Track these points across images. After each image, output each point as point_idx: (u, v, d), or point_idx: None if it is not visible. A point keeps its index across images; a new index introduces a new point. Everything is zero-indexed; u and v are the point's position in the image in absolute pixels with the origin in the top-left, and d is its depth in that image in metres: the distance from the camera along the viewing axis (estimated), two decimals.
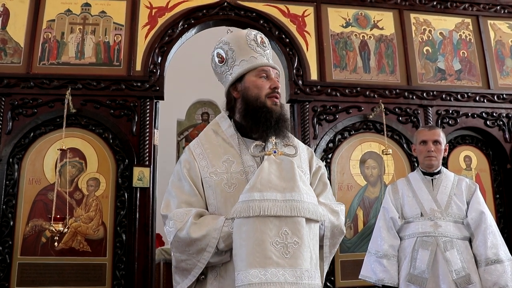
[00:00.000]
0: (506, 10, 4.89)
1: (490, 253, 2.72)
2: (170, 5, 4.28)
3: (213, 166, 1.72)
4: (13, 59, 3.99)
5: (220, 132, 1.81)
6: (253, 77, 1.77)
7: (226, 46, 1.83)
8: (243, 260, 1.46)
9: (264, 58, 1.80)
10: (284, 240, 1.47)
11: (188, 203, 1.69)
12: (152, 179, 3.91)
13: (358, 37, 4.54)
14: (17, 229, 3.70)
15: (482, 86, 4.63)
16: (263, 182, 1.53)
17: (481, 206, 2.86)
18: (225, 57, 1.84)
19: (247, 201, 1.51)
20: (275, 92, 1.76)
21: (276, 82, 1.77)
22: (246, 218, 1.49)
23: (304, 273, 1.46)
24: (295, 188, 1.54)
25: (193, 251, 1.60)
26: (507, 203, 4.44)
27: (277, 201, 1.50)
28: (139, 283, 3.71)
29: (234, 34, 1.85)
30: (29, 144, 3.86)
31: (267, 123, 1.71)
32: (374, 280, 2.90)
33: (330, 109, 4.28)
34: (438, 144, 2.94)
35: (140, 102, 4.01)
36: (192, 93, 7.96)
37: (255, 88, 1.75)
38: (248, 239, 1.47)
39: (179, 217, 1.63)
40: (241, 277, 1.44)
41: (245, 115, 1.76)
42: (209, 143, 1.79)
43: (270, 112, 1.72)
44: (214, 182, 1.70)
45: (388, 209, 3.01)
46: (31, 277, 3.62)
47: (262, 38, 1.84)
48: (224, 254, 1.61)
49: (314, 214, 1.55)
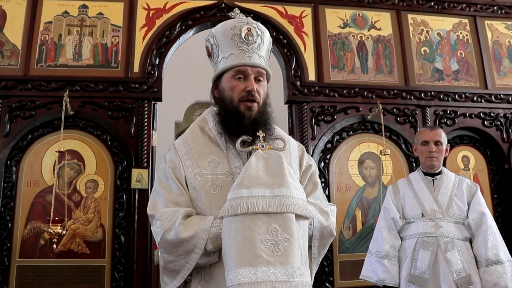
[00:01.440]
0: (503, 10, 4.90)
1: (491, 254, 2.72)
2: (167, 7, 4.27)
3: (198, 166, 1.66)
4: (11, 61, 3.98)
5: (207, 129, 1.74)
6: (229, 77, 1.68)
7: (212, 40, 1.74)
8: (233, 260, 1.42)
9: (246, 55, 1.66)
10: (274, 237, 1.43)
11: (176, 203, 1.63)
12: (151, 180, 3.90)
13: (356, 37, 4.54)
14: (16, 231, 3.69)
15: (479, 87, 4.64)
16: (250, 178, 1.48)
17: (482, 207, 2.87)
18: (211, 52, 1.77)
19: (234, 199, 1.46)
20: (250, 95, 1.63)
21: (252, 83, 1.64)
22: (234, 216, 1.45)
23: (296, 270, 1.42)
24: (284, 183, 1.49)
25: (181, 252, 1.56)
26: (505, 203, 4.45)
27: (266, 197, 1.46)
28: (138, 284, 3.71)
29: (221, 25, 1.72)
30: (27, 146, 3.85)
31: (238, 129, 1.63)
32: (375, 280, 2.90)
33: (328, 109, 4.28)
34: (439, 145, 2.94)
35: (138, 103, 4.01)
36: (190, 95, 7.95)
37: (229, 90, 1.66)
38: (237, 237, 1.43)
39: (166, 217, 1.58)
40: (231, 277, 1.40)
41: (221, 117, 1.69)
42: (194, 142, 1.72)
43: (242, 117, 1.63)
44: (198, 183, 1.64)
45: (389, 209, 3.01)
46: (29, 279, 3.61)
47: (250, 30, 1.68)
48: (213, 255, 1.57)
49: (303, 210, 1.51)
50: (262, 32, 1.72)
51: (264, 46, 1.73)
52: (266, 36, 1.75)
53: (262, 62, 1.70)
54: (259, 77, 1.68)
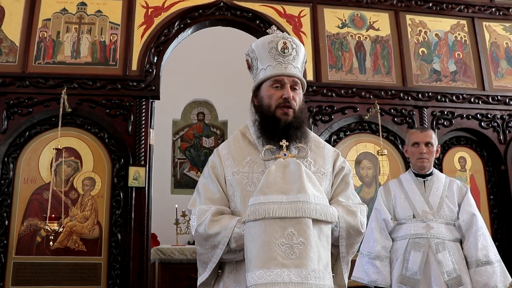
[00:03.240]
0: (501, 12, 4.92)
1: (481, 255, 2.73)
2: (166, 5, 4.27)
3: (236, 166, 1.80)
4: (8, 58, 3.97)
5: (248, 135, 1.89)
6: (267, 86, 1.82)
7: (252, 54, 1.89)
8: (251, 262, 1.52)
9: (282, 66, 1.81)
10: (290, 241, 1.51)
11: (212, 200, 1.77)
12: (148, 178, 3.91)
13: (354, 38, 4.55)
14: (12, 228, 3.70)
15: (477, 88, 4.66)
16: (269, 185, 1.59)
17: (472, 208, 2.87)
18: (251, 65, 1.92)
19: (254, 205, 1.57)
20: (286, 102, 1.78)
21: (288, 91, 1.79)
22: (254, 221, 1.55)
23: (311, 273, 1.49)
24: (301, 189, 1.57)
25: (209, 246, 1.69)
26: (501, 204, 4.47)
27: (282, 203, 1.55)
28: (134, 282, 3.71)
29: (261, 40, 1.89)
30: (25, 143, 3.85)
31: (272, 132, 1.76)
32: (367, 281, 2.89)
33: (325, 109, 4.29)
34: (430, 146, 2.93)
35: (136, 101, 4.01)
36: (188, 93, 7.94)
37: (267, 98, 1.81)
38: (255, 241, 1.53)
39: (200, 213, 1.73)
40: (249, 278, 1.51)
41: (259, 123, 1.82)
42: (235, 145, 1.88)
43: (278, 121, 1.76)
44: (235, 180, 1.77)
45: (380, 210, 3.01)
46: (26, 276, 3.62)
47: (285, 44, 1.83)
48: (238, 253, 1.67)
49: (322, 215, 1.57)
50: (297, 46, 1.87)
51: (299, 58, 1.89)
52: (301, 49, 1.90)
53: (297, 72, 1.86)
54: (295, 86, 1.84)
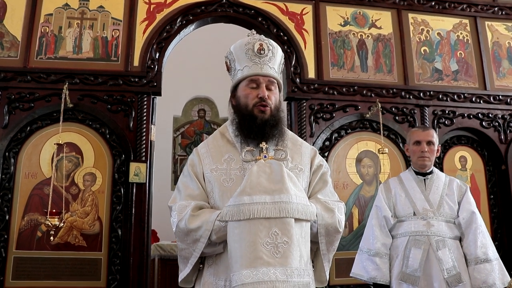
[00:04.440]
0: (503, 11, 4.91)
1: (480, 253, 2.77)
2: (168, 1, 4.27)
3: (214, 163, 1.85)
4: (10, 52, 3.97)
5: (227, 134, 1.93)
6: (244, 86, 1.87)
7: (230, 56, 1.94)
8: (237, 262, 1.55)
9: (258, 67, 1.85)
10: (274, 241, 1.55)
11: (192, 197, 1.81)
12: (149, 174, 3.91)
13: (356, 36, 4.55)
14: (13, 223, 3.70)
15: (478, 87, 4.65)
16: (252, 185, 1.62)
17: (472, 207, 2.90)
18: (229, 66, 1.97)
19: (237, 205, 1.60)
20: (262, 101, 1.82)
21: (264, 91, 1.82)
22: (238, 222, 1.59)
23: (294, 271, 1.54)
24: (283, 190, 1.61)
25: (190, 240, 1.72)
26: (501, 204, 4.47)
27: (266, 204, 1.58)
28: (134, 278, 3.72)
29: (239, 42, 1.92)
30: (26, 138, 3.86)
31: (249, 130, 1.81)
32: (366, 278, 2.91)
33: (327, 107, 4.29)
34: (431, 145, 2.96)
35: (137, 97, 4.01)
36: (189, 90, 7.94)
37: (244, 98, 1.85)
38: (241, 241, 1.56)
39: (180, 209, 1.76)
40: (235, 278, 1.53)
41: (237, 122, 1.87)
42: (214, 144, 1.92)
43: (254, 119, 1.80)
44: (213, 177, 1.81)
45: (381, 208, 3.02)
46: (26, 271, 3.62)
47: (262, 45, 1.87)
48: (218, 246, 1.72)
49: (303, 214, 1.63)
50: (273, 47, 1.91)
51: (276, 59, 1.92)
52: (278, 51, 1.93)
53: (273, 72, 1.89)
54: (270, 86, 1.87)
